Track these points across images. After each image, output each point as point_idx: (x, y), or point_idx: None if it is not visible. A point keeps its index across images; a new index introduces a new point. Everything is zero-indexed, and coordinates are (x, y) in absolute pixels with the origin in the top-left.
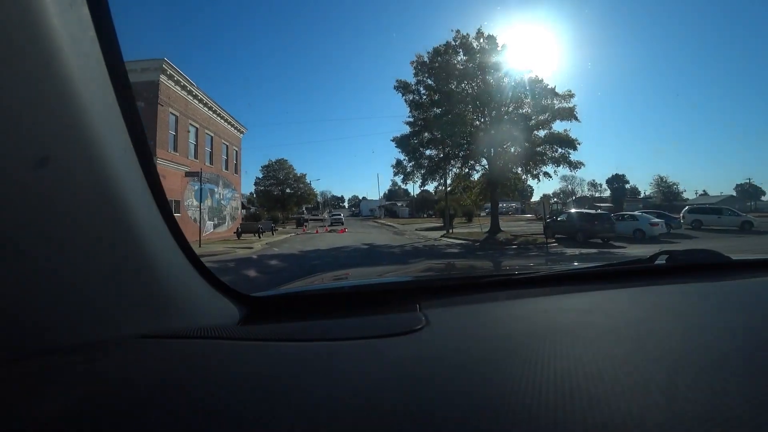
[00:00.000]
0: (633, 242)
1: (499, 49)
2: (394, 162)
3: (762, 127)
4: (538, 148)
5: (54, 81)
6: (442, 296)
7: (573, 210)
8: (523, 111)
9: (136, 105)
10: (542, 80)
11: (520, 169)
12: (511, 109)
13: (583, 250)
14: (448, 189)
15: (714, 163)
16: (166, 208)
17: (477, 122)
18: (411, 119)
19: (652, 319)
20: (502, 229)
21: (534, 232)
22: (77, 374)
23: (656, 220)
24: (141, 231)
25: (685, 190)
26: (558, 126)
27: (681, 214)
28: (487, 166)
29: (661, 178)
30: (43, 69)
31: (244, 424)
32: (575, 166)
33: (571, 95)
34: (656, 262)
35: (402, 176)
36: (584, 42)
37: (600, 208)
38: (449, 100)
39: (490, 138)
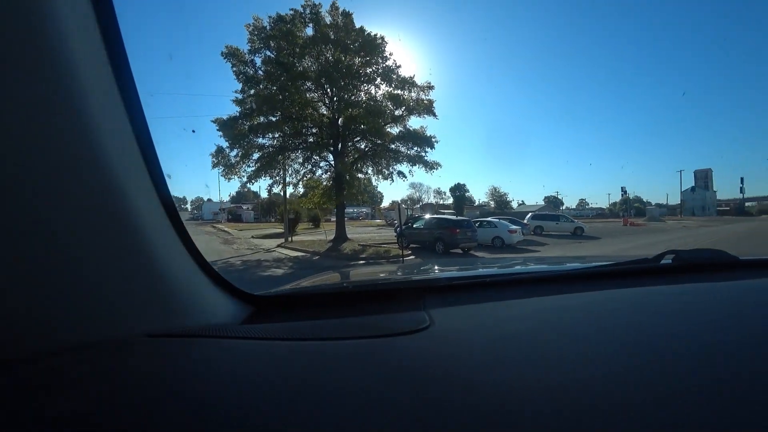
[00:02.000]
0: (493, 251)
1: (354, 29)
2: (213, 150)
3: (567, 149)
4: (392, 145)
5: (59, 80)
6: (447, 296)
7: (430, 215)
8: (377, 100)
9: (141, 103)
10: (400, 66)
11: (371, 168)
12: (363, 96)
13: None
14: (296, 189)
15: (530, 176)
16: (171, 208)
17: (323, 108)
18: (240, 97)
19: (660, 318)
20: (349, 236)
21: (386, 240)
22: (85, 373)
23: (514, 227)
24: (146, 231)
25: (513, 200)
26: (415, 122)
27: (526, 221)
28: (332, 162)
29: (495, 189)
30: (49, 68)
31: (250, 422)
32: (432, 166)
33: (430, 87)
34: (662, 261)
35: (223, 168)
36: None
37: (445, 214)
38: (290, 76)
39: (336, 129)
